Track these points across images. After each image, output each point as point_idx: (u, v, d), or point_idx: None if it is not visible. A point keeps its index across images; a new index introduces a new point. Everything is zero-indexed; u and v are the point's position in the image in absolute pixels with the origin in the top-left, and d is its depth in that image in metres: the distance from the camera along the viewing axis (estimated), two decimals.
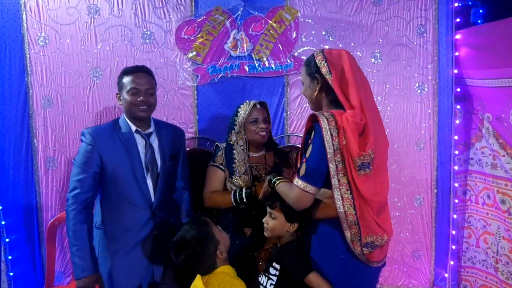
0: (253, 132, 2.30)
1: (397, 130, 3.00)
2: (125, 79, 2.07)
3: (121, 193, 2.05)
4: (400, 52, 2.94)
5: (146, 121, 2.15)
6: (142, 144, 2.11)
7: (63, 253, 2.83)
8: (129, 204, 2.06)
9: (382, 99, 2.97)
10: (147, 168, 2.09)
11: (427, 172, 3.02)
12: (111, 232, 2.07)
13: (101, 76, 2.77)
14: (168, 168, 2.17)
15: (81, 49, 2.74)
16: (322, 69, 1.75)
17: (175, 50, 2.82)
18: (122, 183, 2.04)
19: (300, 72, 1.93)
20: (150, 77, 2.13)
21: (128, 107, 2.07)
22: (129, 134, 2.09)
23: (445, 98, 2.99)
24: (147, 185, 2.08)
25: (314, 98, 1.83)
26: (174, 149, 2.22)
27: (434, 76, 2.96)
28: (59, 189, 2.80)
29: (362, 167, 1.67)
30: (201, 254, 1.73)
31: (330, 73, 1.73)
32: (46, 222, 2.78)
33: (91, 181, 2.00)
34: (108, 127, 2.12)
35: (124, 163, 2.04)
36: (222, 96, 2.88)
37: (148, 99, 2.07)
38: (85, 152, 2.02)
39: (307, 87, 1.86)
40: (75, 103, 2.76)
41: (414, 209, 3.05)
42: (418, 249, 3.07)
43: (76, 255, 1.95)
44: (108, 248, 2.07)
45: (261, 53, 2.86)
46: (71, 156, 2.77)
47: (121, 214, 2.06)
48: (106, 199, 2.10)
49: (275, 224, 1.87)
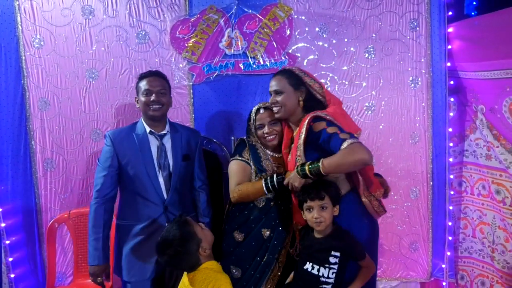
0: (261, 137, 2.32)
1: (391, 124, 3.04)
2: (140, 84, 2.27)
3: (135, 189, 2.23)
4: (394, 46, 2.97)
5: (161, 123, 2.32)
6: (156, 144, 2.28)
7: (63, 254, 2.87)
8: (143, 199, 2.23)
9: (376, 93, 3.01)
10: (159, 167, 2.25)
11: (423, 164, 3.05)
12: (127, 225, 2.26)
13: (97, 77, 2.80)
14: (181, 168, 2.31)
15: (77, 50, 2.77)
16: (306, 79, 2.14)
17: (170, 49, 2.85)
18: (136, 179, 2.23)
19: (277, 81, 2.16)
20: (163, 80, 2.31)
21: (143, 108, 2.25)
22: (144, 135, 2.28)
23: (438, 91, 3.02)
24: (159, 182, 2.25)
25: (295, 105, 2.14)
26: (188, 150, 2.36)
27: (428, 69, 2.99)
28: (58, 191, 2.83)
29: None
30: (183, 254, 1.80)
31: (316, 81, 2.15)
32: (46, 224, 2.82)
33: (110, 178, 2.23)
34: (126, 129, 2.34)
35: (138, 162, 2.23)
36: (218, 94, 2.91)
37: (160, 99, 2.24)
38: (105, 153, 2.26)
39: (290, 96, 2.14)
40: (72, 104, 2.79)
41: (411, 202, 3.08)
42: (415, 241, 3.11)
43: (91, 245, 2.21)
44: (124, 240, 2.25)
45: (256, 51, 2.89)
46: (68, 157, 2.81)
47: (135, 208, 2.24)
48: (124, 195, 2.30)
49: (328, 213, 1.92)
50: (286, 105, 2.16)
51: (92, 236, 2.22)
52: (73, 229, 2.79)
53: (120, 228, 2.31)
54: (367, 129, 3.02)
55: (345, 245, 1.94)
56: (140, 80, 2.30)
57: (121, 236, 2.30)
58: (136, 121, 2.37)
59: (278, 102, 2.17)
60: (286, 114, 2.19)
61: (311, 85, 2.17)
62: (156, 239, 2.10)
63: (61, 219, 2.78)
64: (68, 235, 2.85)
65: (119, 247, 2.30)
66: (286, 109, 2.17)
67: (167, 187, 2.27)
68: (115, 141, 2.25)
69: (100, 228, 2.21)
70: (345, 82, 3.00)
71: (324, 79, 2.98)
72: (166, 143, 2.32)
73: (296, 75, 2.16)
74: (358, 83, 3.00)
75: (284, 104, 2.16)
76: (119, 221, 2.32)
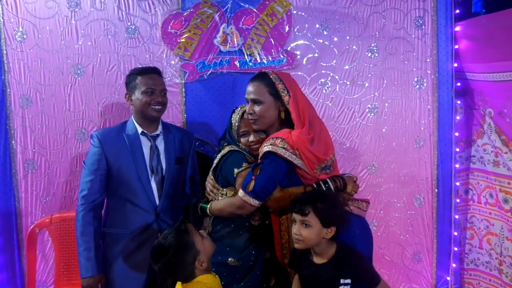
0: (245, 145, 2.13)
1: (395, 127, 3.00)
2: (139, 80, 2.16)
3: (125, 195, 2.15)
4: (398, 45, 2.94)
5: (155, 123, 2.24)
6: (148, 146, 2.20)
7: (44, 261, 2.79)
8: (133, 206, 2.14)
9: (379, 94, 2.96)
10: (152, 171, 2.18)
11: (427, 170, 3.02)
12: (115, 234, 2.17)
13: (83, 73, 2.72)
14: (174, 172, 2.23)
15: (61, 44, 2.69)
16: (279, 89, 1.96)
17: (161, 45, 2.77)
18: (126, 184, 2.14)
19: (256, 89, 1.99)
20: (162, 78, 2.27)
21: (142, 107, 2.15)
22: (135, 135, 2.19)
23: (445, 93, 2.99)
24: (151, 188, 2.17)
25: (274, 117, 1.99)
26: (181, 152, 2.28)
27: (433, 70, 2.97)
28: (39, 194, 2.74)
29: (324, 169, 1.97)
30: (177, 264, 1.71)
31: (288, 92, 1.95)
32: (26, 229, 2.73)
33: (98, 183, 2.13)
34: (115, 129, 2.24)
35: (129, 165, 2.14)
36: (212, 93, 2.85)
37: (163, 99, 2.20)
38: (92, 154, 2.15)
39: (270, 107, 1.97)
40: (56, 102, 2.71)
41: (414, 210, 3.05)
42: (419, 252, 3.07)
43: (82, 255, 2.10)
44: (112, 250, 2.16)
45: (252, 48, 2.83)
46: (51, 158, 2.73)
47: (125, 216, 2.15)
48: (111, 201, 2.20)
49: (310, 233, 1.71)
50: (265, 117, 1.99)
51: (82, 245, 2.11)
52: (55, 235, 2.70)
53: (107, 237, 2.21)
54: (369, 132, 2.98)
55: (356, 269, 1.73)
56: (138, 76, 2.19)
57: (108, 246, 2.20)
58: (125, 121, 2.29)
59: (256, 113, 1.99)
60: (264, 126, 2.03)
61: (281, 96, 1.96)
62: (148, 249, 2.03)
63: (42, 224, 2.69)
64: (49, 241, 2.76)
65: (106, 258, 2.19)
66: (265, 121, 2.01)
67: (159, 193, 2.20)
68: (104, 142, 2.16)
69: (90, 237, 2.11)
70: (346, 82, 2.95)
71: (324, 79, 2.93)
72: (159, 145, 2.25)
73: (272, 81, 1.98)
74: (360, 83, 2.96)
75: (263, 116, 1.99)
76: (106, 229, 2.21)
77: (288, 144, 1.87)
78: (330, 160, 2.00)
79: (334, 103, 2.95)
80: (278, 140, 1.89)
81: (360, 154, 2.98)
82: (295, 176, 1.95)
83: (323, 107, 2.92)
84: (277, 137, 1.90)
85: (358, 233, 1.94)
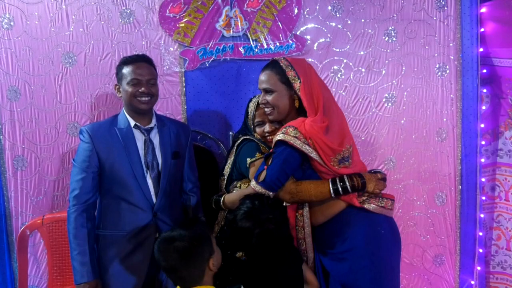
0: (261, 135, 2.18)
1: (415, 119, 2.88)
2: (125, 70, 2.12)
3: (119, 194, 2.10)
4: (418, 28, 2.82)
5: (147, 115, 2.19)
6: (142, 140, 2.16)
7: (36, 265, 2.71)
8: (128, 205, 2.10)
9: (397, 83, 2.84)
10: (147, 166, 2.14)
11: (450, 165, 2.92)
12: (110, 236, 2.12)
13: (75, 62, 2.64)
14: (171, 167, 2.19)
15: (51, 31, 2.61)
16: (290, 76, 1.93)
17: (159, 30, 2.68)
18: (120, 182, 2.10)
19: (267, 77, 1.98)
20: (151, 67, 2.19)
21: (129, 99, 2.12)
22: (128, 129, 2.14)
23: (469, 81, 2.88)
24: (147, 185, 2.12)
25: (289, 106, 1.98)
26: (178, 146, 2.25)
27: (457, 55, 2.85)
28: (30, 193, 2.66)
29: (341, 161, 1.91)
30: (195, 255, 1.64)
31: (298, 78, 1.92)
32: (16, 230, 2.66)
33: (91, 181, 2.08)
34: (106, 123, 2.19)
35: (122, 161, 2.09)
36: (214, 82, 2.75)
37: (150, 90, 2.13)
38: (83, 150, 2.09)
39: (282, 95, 1.96)
40: (46, 93, 2.63)
41: (436, 208, 2.94)
42: (441, 254, 2.97)
43: (76, 260, 2.04)
44: (107, 254, 2.11)
45: (258, 33, 2.72)
46: (42, 154, 2.65)
47: (120, 216, 2.11)
48: (105, 201, 2.15)
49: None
50: (278, 107, 1.99)
51: (76, 249, 2.04)
52: (48, 236, 2.61)
53: (102, 239, 2.14)
54: (387, 124, 2.87)
55: None
56: (124, 65, 2.14)
57: (103, 249, 2.13)
58: (117, 114, 2.23)
59: (269, 102, 2.00)
60: (280, 116, 2.03)
61: (292, 83, 1.94)
62: (145, 251, 2.09)
63: (34, 225, 2.61)
64: (41, 243, 2.68)
65: (101, 262, 2.13)
66: (280, 111, 2.00)
67: (156, 190, 2.14)
68: (94, 137, 2.10)
69: (84, 240, 2.05)
70: (361, 69, 2.83)
71: (337, 66, 2.81)
72: (153, 138, 2.19)
73: (282, 69, 1.97)
74: (376, 71, 2.84)
75: (276, 105, 1.99)
76: (100, 231, 2.15)
77: (301, 133, 1.85)
78: (347, 151, 1.94)
79: (348, 93, 2.83)
80: (290, 129, 1.87)
81: (377, 148, 2.87)
82: (309, 168, 1.91)
83: (336, 96, 2.79)
84: (290, 126, 1.89)
85: (383, 233, 1.88)
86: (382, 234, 1.88)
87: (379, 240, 1.88)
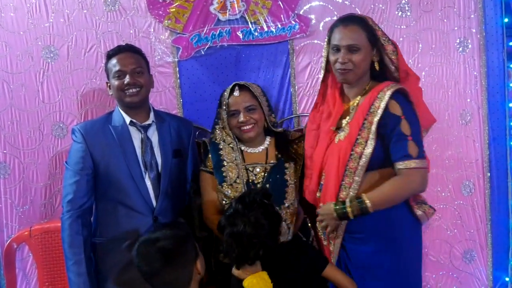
0: (235, 127, 2.09)
1: (435, 101, 2.69)
2: (109, 64, 2.09)
3: (116, 197, 2.05)
4: (434, 0, 2.65)
5: (143, 111, 2.14)
6: (138, 138, 2.11)
7: (26, 281, 2.61)
8: (126, 209, 2.05)
9: (414, 62, 2.67)
10: (145, 166, 2.08)
11: (477, 151, 2.75)
12: (107, 243, 2.07)
13: (57, 56, 2.55)
14: (172, 167, 2.14)
15: (29, 23, 2.52)
16: (379, 35, 1.84)
17: (147, 17, 2.58)
18: (117, 184, 2.05)
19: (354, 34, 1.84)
20: (137, 55, 2.11)
21: (116, 94, 2.07)
22: (123, 127, 2.09)
23: (494, 56, 2.70)
24: (146, 186, 2.07)
25: (366, 69, 1.87)
26: (179, 144, 2.20)
27: (479, 28, 2.67)
28: (15, 202, 2.56)
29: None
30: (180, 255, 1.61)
31: (389, 40, 1.86)
32: (1, 244, 2.55)
33: (85, 184, 2.02)
34: (99, 121, 2.15)
35: (118, 161, 2.05)
36: (211, 71, 2.63)
37: (136, 80, 2.05)
38: (76, 151, 2.05)
39: (367, 55, 1.84)
40: (27, 92, 2.54)
41: (463, 199, 2.78)
42: (471, 249, 2.81)
43: (72, 271, 1.99)
44: (105, 263, 2.07)
45: (257, 14, 2.58)
46: (26, 159, 2.55)
47: (118, 221, 2.06)
48: (101, 205, 2.11)
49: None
50: (360, 68, 1.84)
51: (72, 259, 1.99)
52: (37, 249, 2.51)
53: (99, 247, 2.08)
54: None
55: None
56: (108, 60, 2.09)
57: (100, 258, 2.08)
58: (111, 111, 2.17)
59: (352, 61, 1.82)
60: (355, 78, 1.87)
61: (383, 44, 1.84)
62: None
63: (21, 238, 2.52)
64: (30, 257, 2.58)
65: (98, 272, 2.08)
66: (359, 72, 1.85)
67: (156, 192, 2.08)
68: (88, 136, 2.04)
69: (80, 248, 1.99)
70: None
71: None
72: (151, 136, 2.13)
73: (371, 26, 1.85)
74: None
75: (359, 66, 1.83)
76: (97, 239, 2.09)
77: (409, 94, 1.82)
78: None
79: None
80: (399, 84, 1.83)
81: None
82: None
83: None
84: (395, 84, 1.84)
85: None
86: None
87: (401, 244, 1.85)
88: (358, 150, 1.76)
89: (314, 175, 1.94)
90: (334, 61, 1.85)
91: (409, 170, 1.70)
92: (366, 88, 1.88)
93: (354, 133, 1.78)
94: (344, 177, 1.78)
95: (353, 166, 1.77)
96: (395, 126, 1.72)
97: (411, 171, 1.70)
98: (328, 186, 1.84)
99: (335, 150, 1.84)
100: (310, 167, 1.99)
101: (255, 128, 2.07)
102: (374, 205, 1.72)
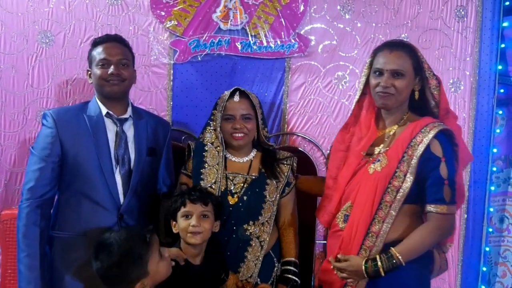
0: (227, 132, 2.06)
1: None
2: (94, 51, 2.03)
3: (82, 189, 1.98)
4: (433, 38, 2.73)
5: (121, 103, 2.08)
6: (113, 131, 2.05)
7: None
8: (91, 203, 1.98)
9: None
10: (117, 161, 2.03)
11: None
12: (67, 238, 2.00)
13: (52, 42, 2.53)
14: (145, 165, 2.09)
15: (28, 6, 2.49)
16: (425, 67, 1.82)
17: (149, 16, 2.59)
18: (84, 176, 1.98)
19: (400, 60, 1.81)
20: (124, 47, 2.07)
21: (98, 83, 2.01)
22: (98, 117, 2.03)
23: (484, 100, 2.78)
24: (115, 181, 2.01)
25: (407, 97, 1.85)
26: (155, 143, 2.15)
27: (473, 71, 2.75)
28: None
29: None
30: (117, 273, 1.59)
31: (434, 75, 1.84)
32: None
33: (50, 172, 1.95)
34: (74, 108, 2.12)
35: (89, 152, 1.98)
36: (206, 78, 2.65)
37: (120, 71, 2.00)
38: (44, 137, 1.97)
39: (410, 82, 1.82)
40: (16, 74, 2.52)
41: None
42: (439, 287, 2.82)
43: (23, 263, 1.92)
44: (62, 259, 2.00)
45: (258, 28, 2.63)
46: (6, 142, 2.52)
47: (80, 215, 1.98)
48: (64, 197, 2.03)
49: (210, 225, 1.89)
50: (401, 94, 1.81)
51: (25, 251, 1.92)
52: (3, 235, 2.47)
53: (57, 242, 2.01)
54: None
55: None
56: (94, 47, 2.04)
57: (58, 254, 2.00)
58: (88, 101, 2.12)
59: (395, 86, 1.79)
60: (395, 104, 1.84)
61: (428, 78, 1.82)
62: None
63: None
64: None
65: (55, 269, 2.01)
66: (400, 99, 1.82)
67: (125, 189, 2.03)
68: (60, 122, 1.97)
69: (35, 240, 1.92)
70: None
71: (342, 72, 2.71)
72: (127, 130, 2.08)
73: (418, 56, 1.84)
74: None
75: (401, 92, 1.80)
76: (55, 232, 2.01)
77: (455, 136, 1.80)
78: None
79: (351, 102, 2.62)
80: (445, 123, 1.81)
81: None
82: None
83: (338, 105, 2.70)
84: (441, 123, 1.79)
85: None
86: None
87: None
88: (396, 184, 1.72)
89: (335, 197, 1.90)
90: (376, 84, 1.82)
91: (439, 215, 1.69)
92: (404, 118, 1.85)
93: (393, 166, 1.74)
94: (377, 210, 1.73)
95: (389, 199, 1.73)
96: (435, 167, 1.70)
97: (442, 216, 1.69)
98: (359, 218, 1.77)
99: (370, 181, 1.78)
100: (332, 188, 1.94)
101: (246, 137, 2.06)
102: (402, 259, 1.68)
